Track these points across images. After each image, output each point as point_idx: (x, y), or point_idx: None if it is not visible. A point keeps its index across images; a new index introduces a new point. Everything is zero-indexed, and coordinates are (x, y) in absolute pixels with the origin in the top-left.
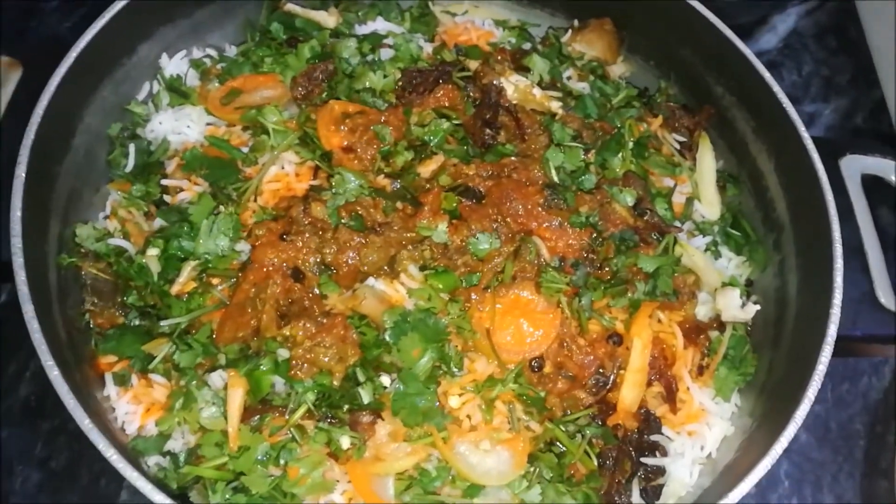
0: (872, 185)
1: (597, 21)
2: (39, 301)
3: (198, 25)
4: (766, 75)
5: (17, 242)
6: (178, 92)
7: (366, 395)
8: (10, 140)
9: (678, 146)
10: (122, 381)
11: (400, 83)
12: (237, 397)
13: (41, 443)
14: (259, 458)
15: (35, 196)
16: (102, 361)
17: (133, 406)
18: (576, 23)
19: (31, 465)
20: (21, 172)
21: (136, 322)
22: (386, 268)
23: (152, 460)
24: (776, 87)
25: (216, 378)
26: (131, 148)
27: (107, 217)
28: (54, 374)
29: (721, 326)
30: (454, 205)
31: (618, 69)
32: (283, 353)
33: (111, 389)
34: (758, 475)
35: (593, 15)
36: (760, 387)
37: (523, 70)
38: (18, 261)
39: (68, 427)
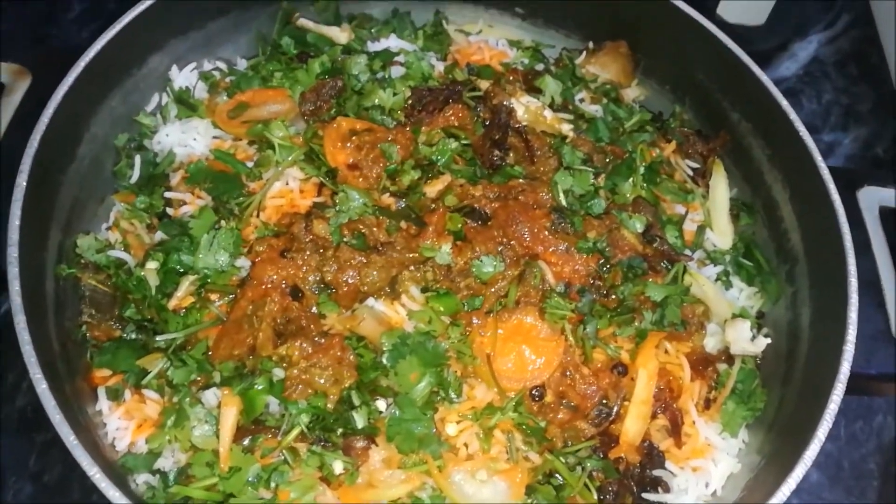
0: (890, 217)
1: (612, 44)
2: (34, 311)
3: (210, 38)
4: (784, 103)
5: (13, 252)
6: (186, 104)
7: (360, 420)
8: (16, 147)
9: (691, 172)
10: (115, 395)
11: (409, 101)
12: (230, 416)
13: (35, 455)
14: (250, 479)
15: (36, 205)
16: (96, 375)
17: (125, 422)
18: (591, 45)
19: (24, 478)
20: (22, 181)
21: (133, 336)
22: (387, 288)
23: (141, 478)
24: (793, 116)
25: (210, 396)
26: (137, 159)
27: (109, 228)
28: (42, 387)
29: (730, 359)
30: (459, 226)
31: (632, 93)
32: (279, 373)
33: (103, 404)
34: None
35: (609, 37)
36: (770, 423)
37: (535, 91)
38: (13, 271)
39: (62, 441)
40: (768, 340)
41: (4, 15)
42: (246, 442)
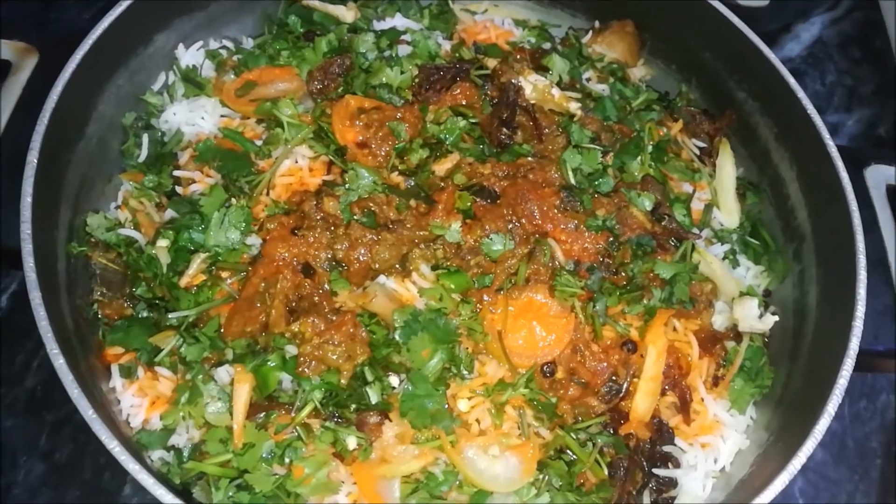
0: None
1: (618, 23)
2: (47, 289)
3: (214, 17)
4: (792, 81)
5: (26, 229)
6: (194, 83)
7: (374, 395)
8: (23, 125)
9: (698, 152)
10: (128, 373)
11: (417, 80)
12: (243, 393)
13: (45, 434)
14: (264, 455)
15: (46, 183)
16: (109, 353)
17: (138, 399)
18: (597, 24)
19: (34, 457)
20: (33, 158)
21: (145, 314)
22: (398, 266)
23: (156, 455)
24: (801, 94)
25: (223, 373)
26: (145, 138)
27: (118, 207)
28: (59, 362)
29: (738, 337)
30: (468, 204)
31: (638, 72)
32: (291, 350)
33: (117, 381)
34: (774, 492)
35: (615, 16)
36: (777, 400)
37: (542, 70)
38: (27, 247)
39: (74, 419)
40: (776, 318)
41: None
42: (260, 418)
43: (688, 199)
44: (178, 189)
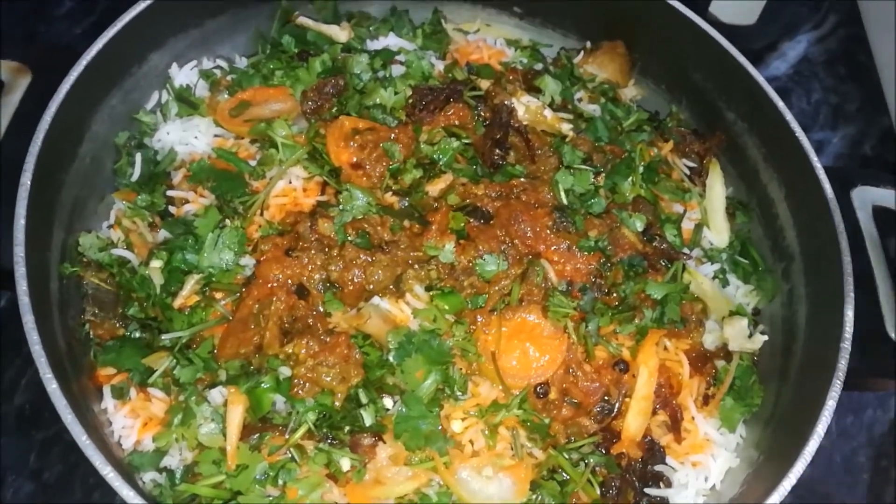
0: (883, 216)
1: (609, 43)
2: (40, 311)
3: (208, 36)
4: (779, 103)
5: (19, 251)
6: (187, 102)
7: (368, 418)
8: (17, 146)
9: (688, 171)
10: (119, 393)
11: (411, 100)
12: (237, 414)
13: (35, 453)
14: (257, 477)
15: (39, 204)
16: (101, 373)
17: (130, 420)
18: (588, 44)
19: (23, 476)
20: (26, 180)
21: (137, 334)
22: (392, 287)
23: (148, 476)
24: (789, 116)
25: (216, 394)
26: (138, 157)
27: (111, 226)
28: (52, 387)
29: (727, 356)
30: (462, 225)
31: (629, 92)
32: (285, 371)
33: (108, 402)
34: None
35: (606, 37)
36: (767, 419)
37: (534, 91)
38: (21, 270)
39: (63, 438)
40: (765, 337)
41: None
42: (253, 440)
43: (678, 220)
44: (172, 209)
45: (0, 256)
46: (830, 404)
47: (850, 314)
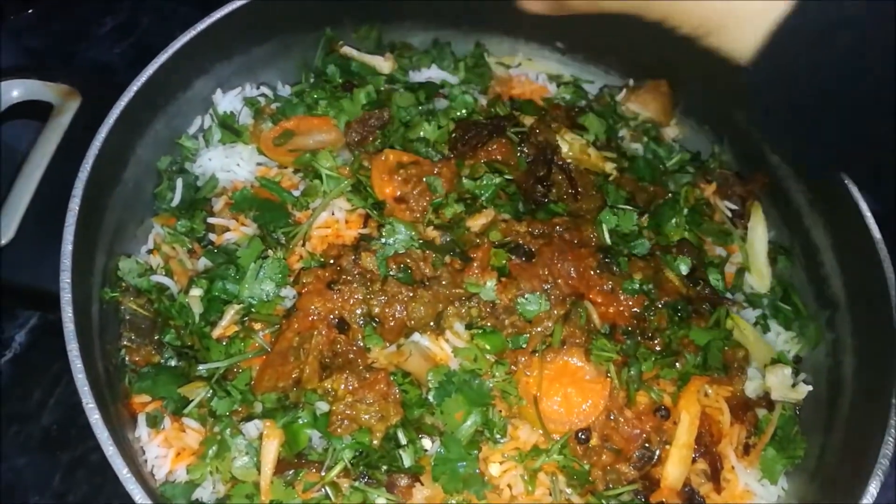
0: None
1: (653, 82)
2: (83, 338)
3: (253, 63)
4: None
5: (66, 277)
6: (231, 129)
7: (407, 458)
8: (64, 169)
9: (730, 214)
10: (154, 422)
11: (454, 135)
12: (272, 449)
13: (59, 475)
14: None
15: (85, 229)
16: (135, 401)
17: (164, 449)
18: (631, 82)
19: (46, 498)
20: (75, 206)
21: (173, 362)
22: (432, 324)
23: None
24: None
25: (251, 428)
26: (178, 182)
27: (150, 251)
28: (95, 417)
29: (769, 404)
30: (504, 262)
31: (671, 132)
32: (322, 407)
33: (143, 431)
34: None
35: (648, 73)
36: (812, 472)
37: (577, 128)
38: (66, 297)
39: (88, 460)
40: (810, 387)
41: (36, 30)
42: (288, 475)
43: (722, 263)
44: (211, 236)
45: (38, 277)
46: (884, 463)
47: None
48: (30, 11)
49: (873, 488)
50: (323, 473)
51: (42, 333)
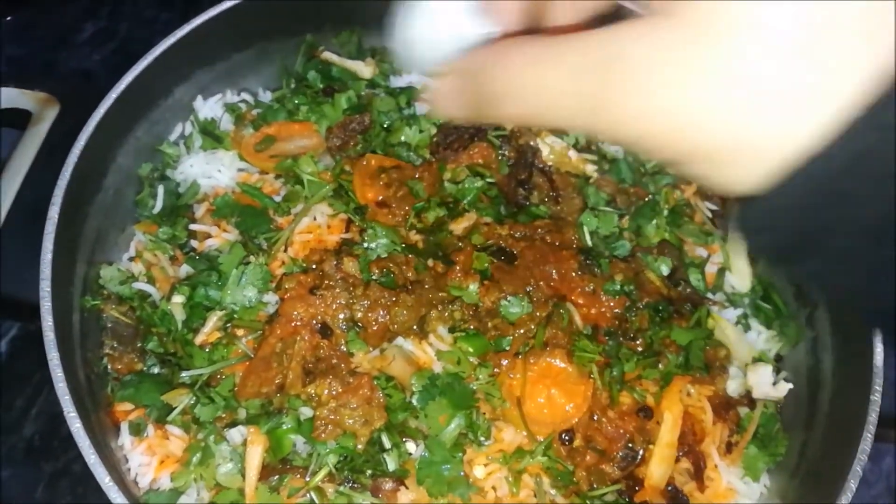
0: None
1: None
2: (63, 347)
3: (234, 69)
4: None
5: (45, 286)
6: (212, 135)
7: (392, 462)
8: (43, 177)
9: (710, 214)
10: (137, 430)
11: (435, 139)
12: (256, 455)
13: (43, 485)
14: None
15: (65, 237)
16: (118, 409)
17: (147, 457)
18: None
19: None
20: (54, 214)
21: (156, 369)
22: (415, 327)
23: None
24: None
25: (235, 434)
26: (160, 189)
27: (131, 259)
28: (76, 426)
29: (751, 403)
30: (486, 265)
31: None
32: (306, 412)
33: (126, 439)
34: None
35: None
36: (793, 469)
37: (559, 131)
38: (46, 305)
39: (72, 470)
40: (790, 385)
41: (15, 37)
42: (273, 481)
43: (702, 264)
44: (193, 242)
45: (18, 287)
46: (863, 458)
47: (879, 366)
48: (8, 19)
49: (853, 483)
50: (308, 478)
51: (23, 343)
